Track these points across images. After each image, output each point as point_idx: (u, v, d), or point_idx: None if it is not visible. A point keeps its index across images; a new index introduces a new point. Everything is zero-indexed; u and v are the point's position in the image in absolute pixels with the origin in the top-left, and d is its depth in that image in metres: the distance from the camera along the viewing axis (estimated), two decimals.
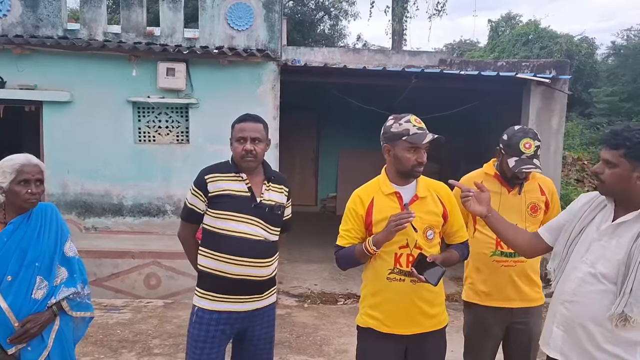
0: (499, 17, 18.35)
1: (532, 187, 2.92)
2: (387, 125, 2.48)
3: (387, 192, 2.48)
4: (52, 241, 2.46)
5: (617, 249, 2.00)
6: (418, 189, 2.50)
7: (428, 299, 2.47)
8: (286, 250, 7.64)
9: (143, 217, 6.30)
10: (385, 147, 2.49)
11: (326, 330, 5.21)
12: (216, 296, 2.62)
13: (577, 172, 9.61)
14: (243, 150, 2.61)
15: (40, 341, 2.39)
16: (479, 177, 2.97)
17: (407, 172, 2.45)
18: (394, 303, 2.44)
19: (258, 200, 2.64)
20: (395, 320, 2.45)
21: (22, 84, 6.01)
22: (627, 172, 1.98)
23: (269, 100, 6.29)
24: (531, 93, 6.76)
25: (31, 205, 2.41)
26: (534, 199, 2.89)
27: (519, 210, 2.86)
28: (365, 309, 2.55)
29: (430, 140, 2.37)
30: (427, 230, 2.46)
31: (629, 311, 1.92)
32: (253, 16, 6.28)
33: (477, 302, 2.96)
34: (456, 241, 2.62)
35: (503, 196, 2.88)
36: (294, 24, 17.13)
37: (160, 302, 5.88)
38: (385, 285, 2.45)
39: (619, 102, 13.64)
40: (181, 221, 2.81)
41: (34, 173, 2.39)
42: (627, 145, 1.96)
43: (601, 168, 2.05)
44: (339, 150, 11.20)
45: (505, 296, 2.86)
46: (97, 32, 6.19)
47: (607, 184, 2.04)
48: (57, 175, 6.18)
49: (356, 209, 2.51)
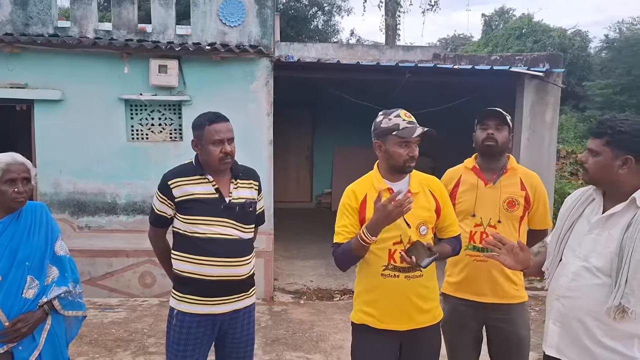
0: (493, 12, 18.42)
1: (512, 182, 2.88)
2: (377, 121, 2.47)
3: (380, 189, 2.44)
4: (42, 240, 2.44)
5: (608, 242, 1.99)
6: (411, 185, 2.49)
7: (423, 294, 2.46)
8: (282, 246, 7.63)
9: (137, 216, 6.26)
10: (376, 143, 2.48)
11: (322, 326, 5.20)
12: (195, 299, 2.57)
13: (572, 166, 9.64)
14: (222, 152, 2.52)
15: (32, 340, 2.38)
16: (459, 170, 3.01)
17: (400, 167, 2.44)
18: (389, 299, 2.43)
19: (227, 201, 2.58)
20: (390, 316, 2.44)
21: (12, 82, 5.95)
22: (609, 161, 1.99)
23: (263, 96, 6.26)
24: (525, 87, 6.77)
25: (19, 204, 2.39)
26: (511, 194, 2.85)
27: (494, 204, 2.84)
28: (360, 305, 2.54)
29: (420, 133, 2.36)
30: (421, 226, 2.45)
31: (626, 302, 1.91)
32: (245, 12, 6.24)
33: (451, 293, 2.97)
34: (448, 235, 2.61)
35: (479, 189, 2.87)
36: (287, 20, 17.07)
37: (155, 300, 5.86)
38: (379, 282, 2.44)
39: (613, 95, 13.69)
40: (150, 225, 2.76)
41: (20, 172, 2.37)
42: (609, 133, 1.98)
43: (586, 157, 2.07)
44: (334, 146, 11.18)
45: (477, 290, 2.84)
46: (88, 29, 6.13)
47: (590, 172, 2.06)
48: (49, 174, 6.13)
49: (351, 204, 2.48)
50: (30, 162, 2.48)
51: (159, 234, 2.76)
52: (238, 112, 5.60)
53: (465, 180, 2.94)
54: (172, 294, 2.66)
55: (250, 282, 2.71)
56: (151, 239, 2.81)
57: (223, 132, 2.54)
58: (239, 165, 2.71)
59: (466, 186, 2.93)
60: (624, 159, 1.98)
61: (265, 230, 5.75)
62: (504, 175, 2.88)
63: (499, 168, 2.90)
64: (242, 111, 6.04)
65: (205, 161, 2.58)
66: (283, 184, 10.37)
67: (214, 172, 2.59)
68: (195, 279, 2.56)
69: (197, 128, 2.58)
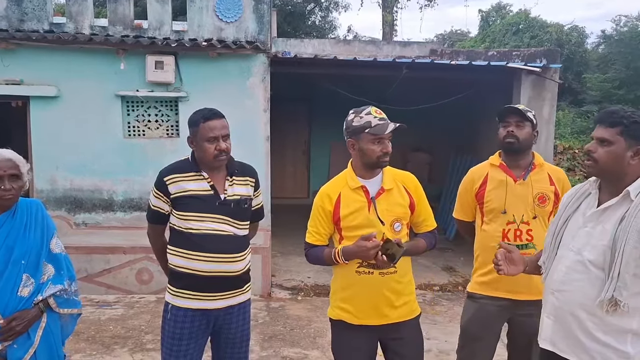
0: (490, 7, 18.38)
1: (541, 177, 2.86)
2: (349, 120, 2.50)
3: (353, 187, 2.50)
4: (38, 238, 2.41)
5: (602, 235, 1.99)
6: (384, 182, 2.52)
7: (397, 289, 2.50)
8: (279, 243, 7.63)
9: (134, 212, 6.25)
10: (350, 141, 2.51)
11: (320, 322, 5.20)
12: (189, 294, 2.58)
13: (569, 161, 9.63)
14: (217, 149, 2.52)
15: (27, 339, 2.36)
16: (485, 168, 2.97)
17: (374, 163, 2.47)
18: (363, 295, 2.48)
19: (222, 198, 2.58)
20: (365, 312, 2.50)
21: (7, 79, 5.93)
22: (621, 151, 1.98)
23: (259, 92, 6.25)
24: (522, 82, 6.77)
25: (7, 201, 2.34)
26: (542, 189, 2.82)
27: (526, 201, 2.81)
28: (337, 302, 2.59)
29: (392, 129, 2.41)
30: (395, 223, 2.49)
31: (618, 295, 1.91)
32: (242, 8, 6.22)
33: (482, 292, 2.91)
34: (423, 230, 2.65)
35: (509, 186, 2.84)
36: (284, 16, 17.01)
37: (153, 297, 5.86)
38: (354, 279, 2.48)
39: (612, 89, 13.69)
40: (148, 223, 2.76)
41: (7, 168, 2.31)
42: (625, 123, 1.97)
43: (595, 147, 2.04)
44: (331, 142, 11.16)
45: (513, 287, 2.78)
46: (84, 25, 6.10)
47: (600, 163, 2.02)
48: (46, 171, 6.12)
49: (324, 206, 2.54)
50: (22, 157, 2.42)
51: (157, 232, 2.77)
52: (235, 108, 5.59)
53: (493, 178, 2.90)
54: (167, 289, 2.67)
55: (245, 278, 2.71)
56: (150, 237, 2.82)
57: (218, 129, 2.53)
58: (236, 161, 2.71)
59: (494, 183, 2.88)
60: (636, 149, 1.97)
61: (262, 227, 5.71)
62: (533, 171, 2.86)
63: (527, 164, 2.87)
64: (239, 107, 6.03)
65: (200, 158, 2.58)
66: (280, 179, 10.36)
67: (210, 168, 2.59)
68: (189, 274, 2.56)
69: (192, 125, 2.58)
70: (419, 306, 2.68)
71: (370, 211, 2.46)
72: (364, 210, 2.46)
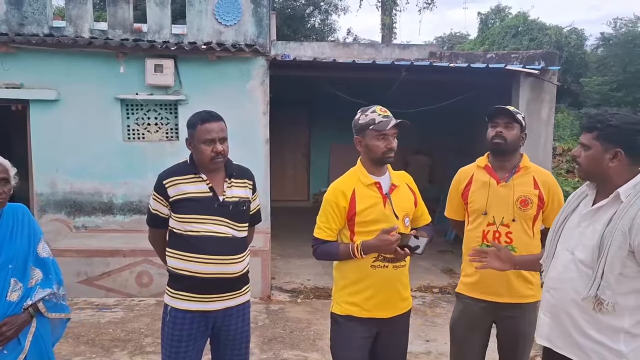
0: (489, 10, 18.41)
1: (525, 180, 2.85)
2: (356, 119, 2.59)
3: (367, 183, 2.58)
4: (25, 242, 2.38)
5: (592, 234, 2.02)
6: (393, 179, 2.63)
7: (405, 282, 2.64)
8: (279, 245, 7.63)
9: (134, 215, 6.26)
10: (357, 138, 2.60)
11: (319, 325, 5.20)
12: (189, 296, 2.58)
13: (568, 163, 9.65)
14: (213, 152, 2.53)
15: (17, 344, 2.34)
16: (472, 169, 2.99)
17: (379, 159, 2.55)
18: (378, 288, 2.55)
19: (221, 199, 2.59)
20: (376, 304, 2.56)
21: (7, 82, 5.94)
22: (599, 154, 2.03)
23: (259, 95, 6.26)
24: (520, 84, 6.78)
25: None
26: (524, 192, 2.82)
27: (507, 203, 2.82)
28: (344, 297, 2.63)
29: (394, 125, 2.48)
30: (405, 217, 2.62)
31: (601, 294, 1.95)
32: (241, 11, 6.24)
33: (466, 293, 2.96)
34: (421, 224, 2.78)
35: (492, 187, 2.86)
36: (284, 19, 17.04)
37: (153, 300, 5.85)
38: (369, 273, 2.55)
39: (610, 92, 13.71)
40: (148, 227, 2.77)
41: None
42: (599, 127, 2.03)
43: (578, 151, 2.11)
44: (330, 144, 11.18)
45: (493, 290, 2.82)
46: (84, 29, 6.12)
47: (582, 166, 2.10)
48: (45, 174, 6.13)
49: (338, 202, 2.56)
50: (8, 161, 2.39)
51: (157, 236, 2.77)
52: (234, 111, 5.61)
53: (477, 179, 2.93)
54: (166, 291, 2.68)
55: (244, 280, 2.72)
56: (151, 242, 2.83)
57: (215, 132, 2.54)
58: (234, 164, 2.72)
59: (478, 185, 2.91)
60: (613, 152, 2.01)
61: (262, 229, 5.75)
62: (517, 173, 2.85)
63: (512, 166, 2.87)
64: (239, 110, 6.04)
65: (198, 160, 2.60)
66: (280, 182, 10.37)
67: (208, 170, 2.61)
68: (187, 276, 2.57)
69: (190, 127, 2.60)
70: (419, 308, 2.73)
71: (385, 206, 2.54)
72: (379, 205, 2.54)
